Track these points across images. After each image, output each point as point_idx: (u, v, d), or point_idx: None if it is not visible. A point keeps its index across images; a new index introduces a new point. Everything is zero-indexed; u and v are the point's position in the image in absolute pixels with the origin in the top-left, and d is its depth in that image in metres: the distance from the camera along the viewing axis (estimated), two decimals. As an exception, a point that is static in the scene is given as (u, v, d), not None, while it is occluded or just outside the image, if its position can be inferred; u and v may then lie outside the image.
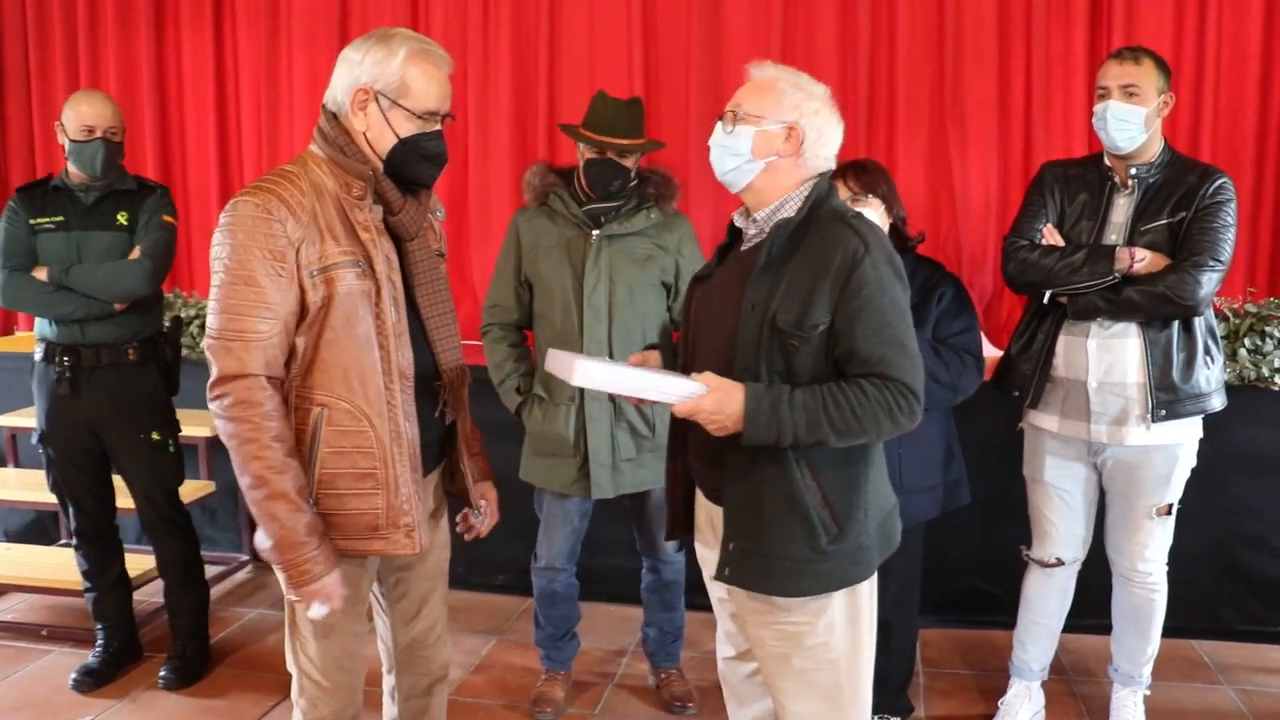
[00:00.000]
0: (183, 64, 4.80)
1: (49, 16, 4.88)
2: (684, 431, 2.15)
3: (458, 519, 2.42)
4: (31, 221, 3.27)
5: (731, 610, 2.19)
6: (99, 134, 3.24)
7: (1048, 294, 2.88)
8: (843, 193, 2.80)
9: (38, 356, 3.34)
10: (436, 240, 2.25)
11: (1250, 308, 3.73)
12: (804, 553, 1.95)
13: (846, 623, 2.04)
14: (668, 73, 4.27)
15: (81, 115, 3.24)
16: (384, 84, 2.01)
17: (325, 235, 1.98)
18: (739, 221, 2.12)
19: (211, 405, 1.99)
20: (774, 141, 2.00)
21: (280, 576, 2.01)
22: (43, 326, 3.32)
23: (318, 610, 2.00)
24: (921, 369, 1.93)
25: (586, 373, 1.89)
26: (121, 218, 3.30)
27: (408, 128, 2.04)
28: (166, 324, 3.52)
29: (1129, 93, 2.75)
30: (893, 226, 2.86)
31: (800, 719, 2.07)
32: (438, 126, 2.08)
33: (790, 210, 2.01)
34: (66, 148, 3.27)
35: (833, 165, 2.07)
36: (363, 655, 2.24)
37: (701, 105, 4.17)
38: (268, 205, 1.94)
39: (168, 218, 3.36)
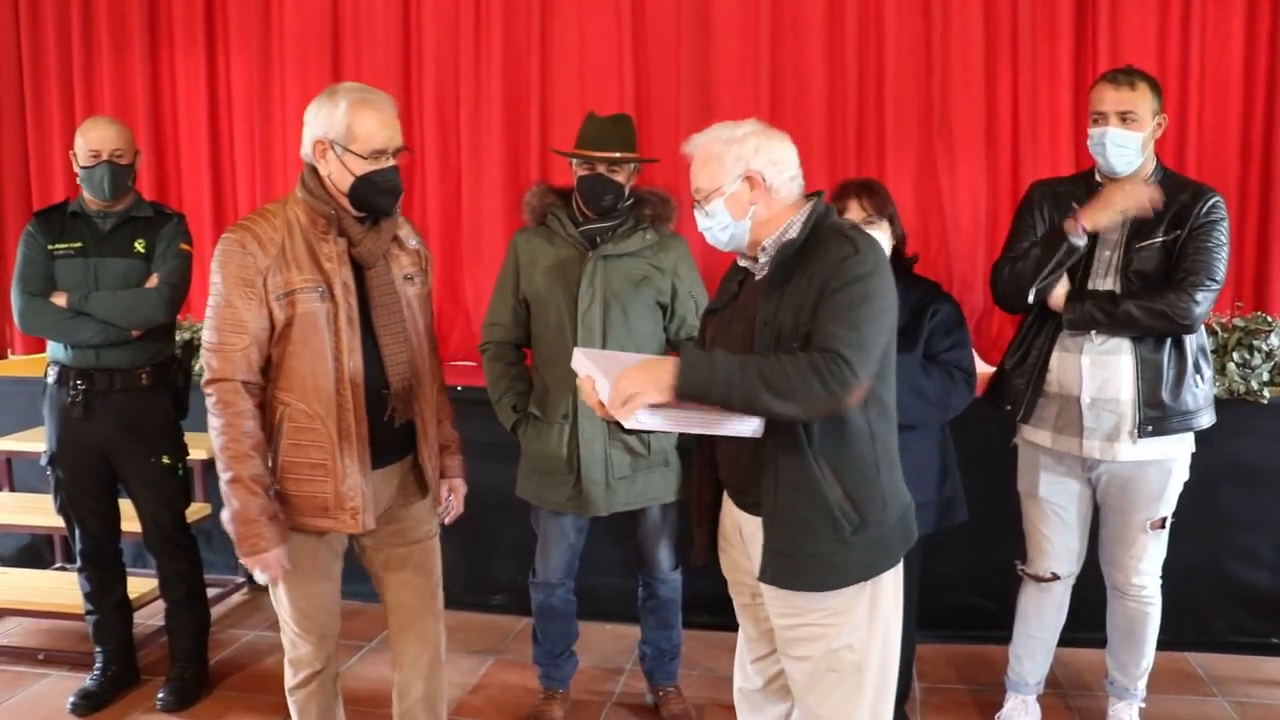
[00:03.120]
0: (177, 88, 4.83)
1: (43, 42, 4.91)
2: (713, 447, 2.23)
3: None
4: (50, 246, 3.29)
5: (763, 614, 2.23)
6: (104, 157, 3.26)
7: (1032, 294, 2.89)
8: (857, 214, 2.85)
9: (50, 379, 3.35)
10: (411, 265, 2.59)
11: (1238, 322, 3.77)
12: (830, 546, 2.03)
13: (869, 622, 2.10)
14: (658, 94, 4.31)
15: (88, 141, 3.27)
16: (335, 133, 2.36)
17: (290, 265, 2.36)
18: (743, 261, 2.20)
19: (206, 401, 2.40)
20: (742, 197, 2.10)
21: (239, 547, 2.38)
22: (56, 350, 3.34)
23: (260, 576, 2.42)
24: (867, 354, 1.94)
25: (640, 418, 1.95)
26: (139, 245, 3.33)
27: (361, 166, 2.37)
28: (178, 349, 3.54)
29: (1127, 119, 2.78)
30: (894, 247, 2.92)
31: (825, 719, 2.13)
32: (390, 163, 2.40)
33: (793, 233, 2.10)
34: (79, 175, 3.30)
35: (801, 180, 2.15)
36: (329, 610, 2.61)
37: (692, 126, 4.12)
38: (243, 240, 2.36)
39: (184, 245, 3.39)
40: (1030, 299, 2.90)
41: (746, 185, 2.09)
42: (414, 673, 2.73)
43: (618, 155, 3.00)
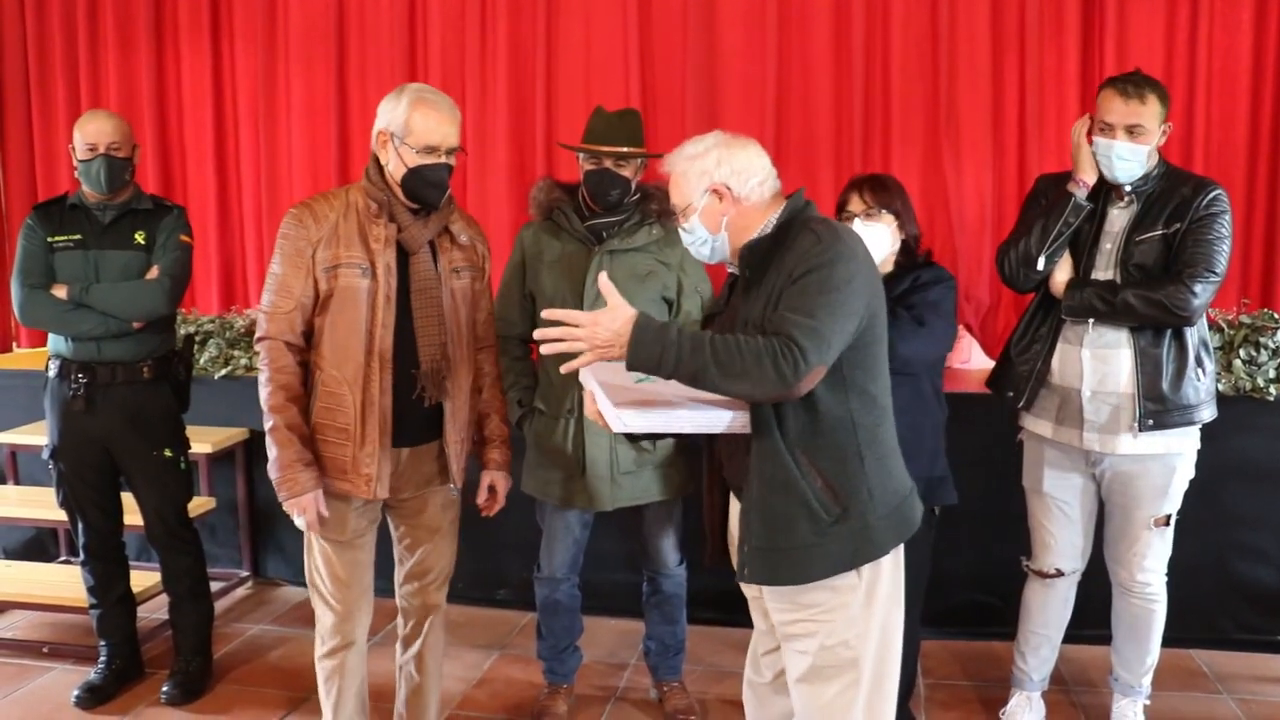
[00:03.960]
0: (182, 82, 4.83)
1: (49, 36, 4.91)
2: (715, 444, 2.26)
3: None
4: (49, 239, 3.28)
5: (765, 609, 2.24)
6: (101, 151, 3.25)
7: (1042, 262, 2.89)
8: (856, 206, 2.85)
9: (51, 373, 3.34)
10: (462, 259, 2.73)
11: (1244, 319, 3.76)
12: (808, 537, 2.02)
13: (865, 617, 2.09)
14: (664, 90, 4.30)
15: (85, 134, 3.26)
16: (395, 126, 2.54)
17: (340, 242, 2.56)
18: (731, 268, 2.22)
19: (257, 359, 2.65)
20: (714, 210, 2.13)
21: (279, 492, 2.55)
22: (58, 343, 3.33)
23: (300, 521, 2.56)
24: (822, 340, 1.92)
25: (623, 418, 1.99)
26: (139, 237, 3.33)
27: (414, 159, 2.54)
28: (179, 343, 3.54)
29: (1134, 132, 2.77)
30: (903, 243, 2.88)
31: (817, 716, 2.12)
32: (442, 159, 2.56)
33: (766, 232, 2.12)
34: (76, 169, 3.30)
35: (774, 183, 2.15)
36: (359, 581, 2.74)
37: (698, 122, 4.20)
38: (300, 215, 2.58)
39: (184, 237, 3.39)
40: (1040, 266, 2.90)
41: (714, 198, 2.12)
42: (414, 633, 2.91)
43: (624, 150, 3.00)
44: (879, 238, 2.80)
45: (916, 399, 2.81)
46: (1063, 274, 2.91)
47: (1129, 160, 2.80)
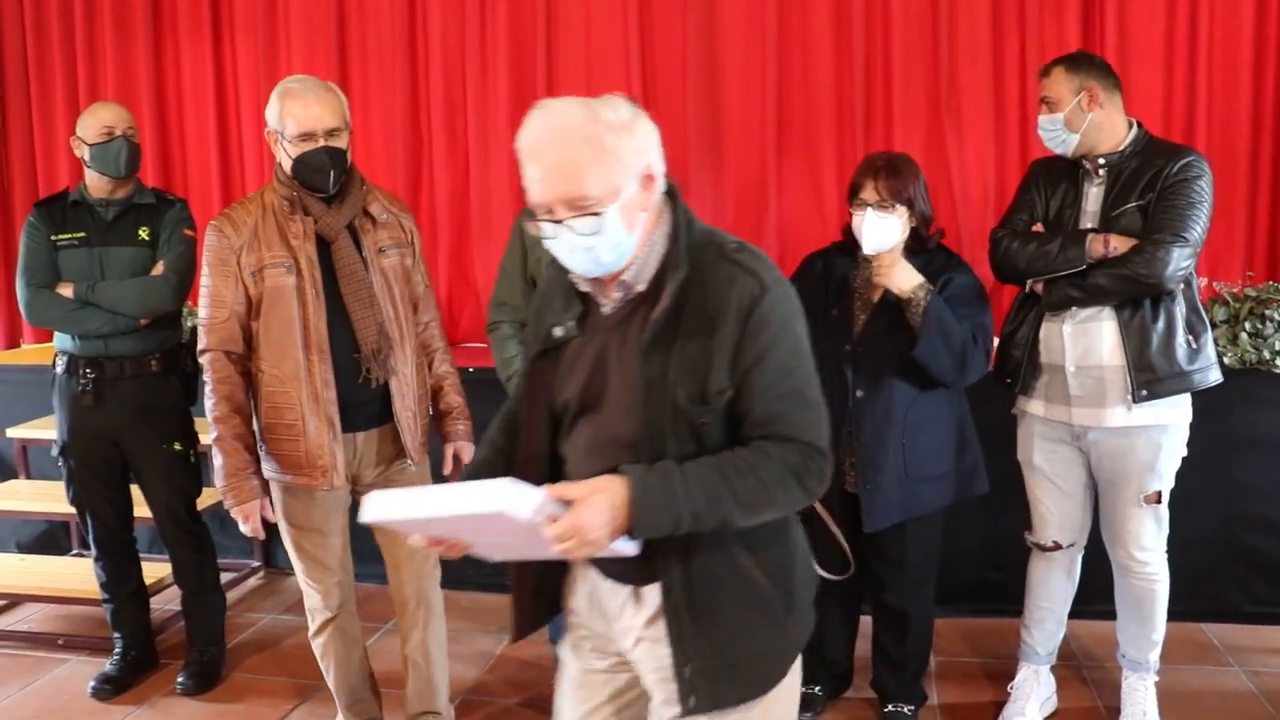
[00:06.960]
0: (182, 73, 4.83)
1: (46, 27, 4.90)
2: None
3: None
4: (53, 237, 3.28)
5: (622, 684, 1.86)
6: (119, 133, 3.26)
7: (1029, 283, 2.93)
8: (870, 196, 2.78)
9: (59, 369, 3.35)
10: (387, 238, 2.78)
11: (1250, 291, 3.75)
12: (768, 637, 1.72)
13: (791, 696, 1.81)
14: (664, 74, 4.29)
15: (100, 119, 3.26)
16: (274, 124, 2.64)
17: (261, 244, 2.64)
18: (585, 287, 1.71)
19: None
20: (634, 203, 1.60)
21: (224, 499, 2.70)
22: (64, 339, 3.33)
23: (244, 527, 2.69)
24: (824, 420, 1.65)
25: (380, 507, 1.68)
26: (143, 233, 3.32)
27: (295, 150, 2.62)
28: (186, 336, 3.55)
29: (1046, 103, 2.89)
30: (913, 230, 2.83)
31: None
32: (320, 143, 2.61)
33: (657, 257, 1.66)
34: (87, 156, 3.28)
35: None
36: (334, 562, 2.84)
37: (699, 107, 4.20)
38: (220, 226, 2.67)
39: (188, 231, 3.38)
40: (1027, 287, 2.97)
41: (640, 187, 1.60)
42: (412, 622, 2.96)
43: None
44: (889, 230, 2.76)
45: (958, 395, 2.94)
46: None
47: (1047, 129, 2.89)
